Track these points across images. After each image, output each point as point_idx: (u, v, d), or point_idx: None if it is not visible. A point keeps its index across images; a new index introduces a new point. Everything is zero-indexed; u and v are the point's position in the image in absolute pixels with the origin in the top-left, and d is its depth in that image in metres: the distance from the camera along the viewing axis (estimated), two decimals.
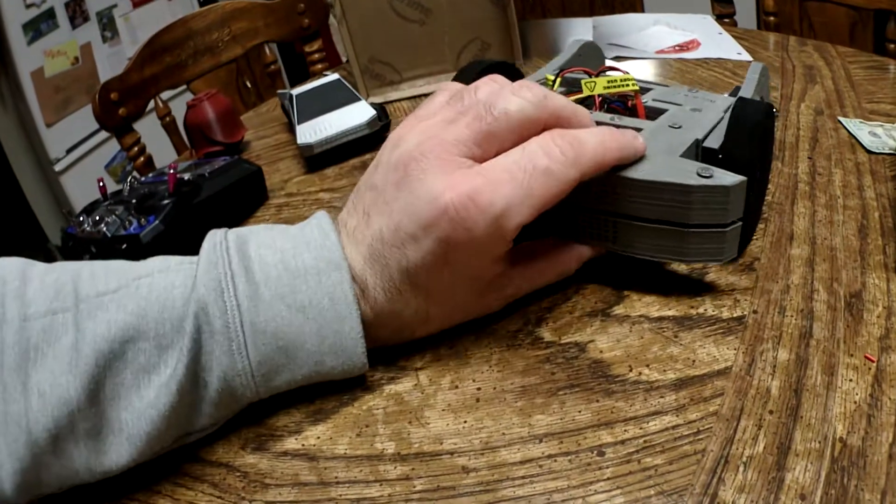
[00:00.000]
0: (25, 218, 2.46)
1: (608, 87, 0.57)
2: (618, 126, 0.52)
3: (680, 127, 0.51)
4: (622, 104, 0.58)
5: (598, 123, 0.52)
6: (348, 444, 0.41)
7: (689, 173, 0.43)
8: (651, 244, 0.46)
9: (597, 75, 0.60)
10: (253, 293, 0.40)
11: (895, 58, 0.93)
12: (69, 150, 2.48)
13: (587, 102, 0.58)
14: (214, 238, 0.42)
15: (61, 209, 2.50)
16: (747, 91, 0.57)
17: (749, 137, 0.48)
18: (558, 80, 0.61)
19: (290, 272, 0.41)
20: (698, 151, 0.49)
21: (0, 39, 2.27)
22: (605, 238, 0.48)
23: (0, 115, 2.36)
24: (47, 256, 0.58)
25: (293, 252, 0.42)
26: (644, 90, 0.59)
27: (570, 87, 0.61)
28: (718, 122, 0.52)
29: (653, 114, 0.56)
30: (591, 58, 0.73)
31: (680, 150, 0.47)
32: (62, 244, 0.66)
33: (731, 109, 0.52)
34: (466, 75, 0.64)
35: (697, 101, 0.57)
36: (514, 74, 0.67)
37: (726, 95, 0.60)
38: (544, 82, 0.63)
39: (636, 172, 0.44)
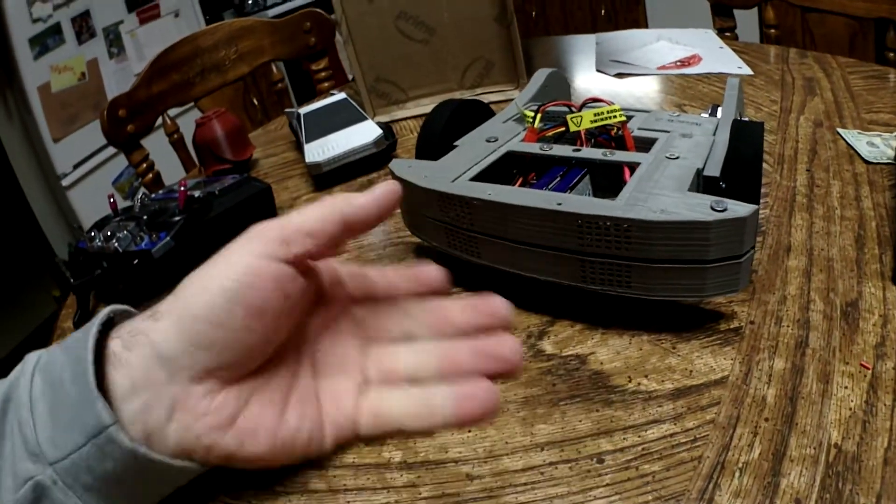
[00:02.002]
0: (33, 233, 2.47)
1: (595, 121, 0.56)
2: (612, 162, 0.52)
3: (677, 157, 0.50)
4: (606, 135, 0.58)
5: (590, 160, 0.53)
6: (356, 453, 0.43)
7: (703, 209, 0.42)
8: (668, 285, 0.44)
9: (580, 108, 0.59)
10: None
11: (895, 67, 0.94)
12: (76, 166, 2.47)
13: (571, 138, 0.58)
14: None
15: (71, 224, 2.50)
16: (728, 109, 0.57)
17: (750, 163, 0.48)
18: (539, 115, 0.60)
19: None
20: (700, 181, 0.48)
21: (7, 54, 2.28)
22: (617, 284, 0.46)
23: (7, 129, 2.37)
24: (54, 271, 0.59)
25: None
26: (626, 118, 0.58)
27: (552, 122, 0.60)
28: (711, 147, 0.51)
29: (641, 143, 0.55)
30: (558, 88, 0.74)
31: (687, 184, 0.46)
32: (71, 259, 0.66)
33: (723, 132, 0.52)
34: (439, 116, 0.64)
35: (684, 126, 0.56)
36: (483, 113, 0.68)
37: (706, 115, 0.60)
38: (521, 117, 0.63)
39: (652, 214, 0.42)
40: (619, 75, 1.03)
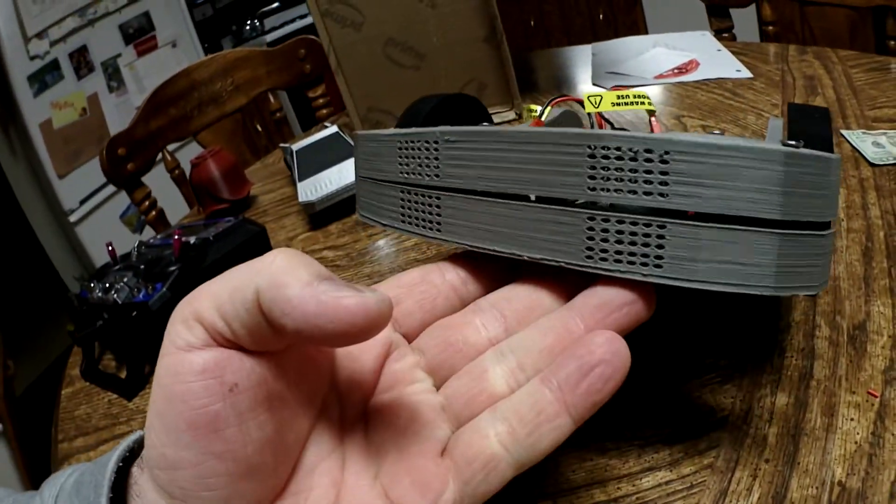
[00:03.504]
0: (44, 269, 2.49)
1: (618, 104, 0.48)
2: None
3: (723, 134, 0.39)
4: None
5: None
6: None
7: (772, 143, 0.29)
8: (719, 263, 0.29)
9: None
10: None
11: None
12: (83, 201, 2.50)
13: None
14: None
15: (81, 259, 2.52)
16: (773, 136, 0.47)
17: (823, 143, 0.39)
18: (548, 109, 0.51)
19: None
20: None
21: (6, 92, 2.30)
22: (641, 261, 0.30)
23: (12, 167, 2.39)
24: (67, 306, 0.59)
25: None
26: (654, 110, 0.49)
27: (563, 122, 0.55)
28: (766, 133, 0.41)
29: None
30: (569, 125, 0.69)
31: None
32: (78, 306, 0.67)
33: (775, 121, 0.44)
34: (418, 111, 0.59)
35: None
36: (477, 112, 0.64)
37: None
38: (528, 113, 0.56)
39: (702, 137, 0.28)
40: (616, 88, 1.01)
